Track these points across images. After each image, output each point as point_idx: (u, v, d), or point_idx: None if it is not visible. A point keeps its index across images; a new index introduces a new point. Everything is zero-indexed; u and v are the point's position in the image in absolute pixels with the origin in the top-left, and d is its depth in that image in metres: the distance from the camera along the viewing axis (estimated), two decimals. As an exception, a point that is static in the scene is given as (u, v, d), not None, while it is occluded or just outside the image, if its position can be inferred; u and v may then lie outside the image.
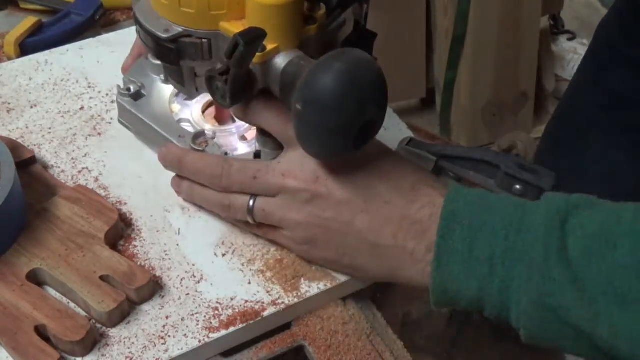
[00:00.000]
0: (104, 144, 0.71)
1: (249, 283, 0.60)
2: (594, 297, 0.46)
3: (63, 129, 0.72)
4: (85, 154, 0.69)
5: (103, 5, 0.89)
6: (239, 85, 0.55)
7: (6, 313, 0.54)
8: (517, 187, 0.62)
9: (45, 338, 0.54)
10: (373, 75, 0.51)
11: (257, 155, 0.62)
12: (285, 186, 0.57)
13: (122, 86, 0.69)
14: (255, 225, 0.60)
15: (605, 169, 1.14)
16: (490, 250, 0.50)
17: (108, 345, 0.55)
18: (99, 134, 0.72)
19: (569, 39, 2.34)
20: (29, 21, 0.84)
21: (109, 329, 0.56)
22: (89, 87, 0.77)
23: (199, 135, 0.65)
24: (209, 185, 0.61)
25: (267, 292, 0.59)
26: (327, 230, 0.56)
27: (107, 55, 0.80)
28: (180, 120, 0.69)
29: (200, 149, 0.63)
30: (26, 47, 0.83)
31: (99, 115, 0.73)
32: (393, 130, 0.74)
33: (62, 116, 0.73)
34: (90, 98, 0.75)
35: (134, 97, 0.68)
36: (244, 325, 0.57)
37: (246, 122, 0.62)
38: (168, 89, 0.69)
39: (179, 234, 0.63)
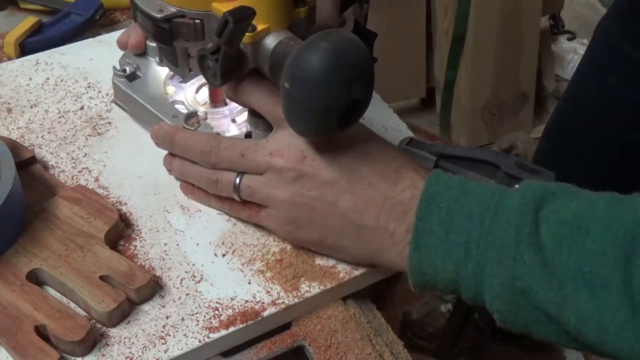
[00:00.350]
0: (104, 144, 0.71)
1: (249, 283, 0.60)
2: (563, 281, 0.47)
3: (63, 129, 0.72)
4: (85, 154, 0.69)
5: (103, 5, 0.89)
6: (229, 65, 0.56)
7: (6, 313, 0.54)
8: (517, 186, 0.62)
9: (45, 338, 0.54)
10: (359, 54, 0.52)
11: (247, 136, 0.64)
12: (272, 164, 0.58)
13: (118, 67, 0.70)
14: (240, 205, 0.62)
15: (605, 168, 1.14)
16: (467, 233, 0.51)
17: (108, 345, 0.55)
18: (99, 134, 0.72)
19: (569, 39, 2.34)
20: (29, 21, 0.84)
21: (109, 329, 0.56)
22: (89, 87, 0.77)
23: (192, 115, 0.66)
24: (199, 162, 0.62)
25: (267, 292, 0.59)
26: (312, 210, 0.57)
27: (107, 55, 0.80)
28: (174, 102, 0.70)
29: (192, 128, 0.65)
30: (26, 47, 0.83)
31: (99, 115, 0.73)
32: (393, 130, 0.74)
33: (62, 116, 0.73)
34: (90, 98, 0.75)
35: (130, 78, 0.70)
36: (244, 325, 0.57)
37: (237, 102, 0.63)
38: (163, 71, 0.71)
39: (181, 231, 0.63)
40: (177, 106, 0.69)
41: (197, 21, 0.58)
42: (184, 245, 0.62)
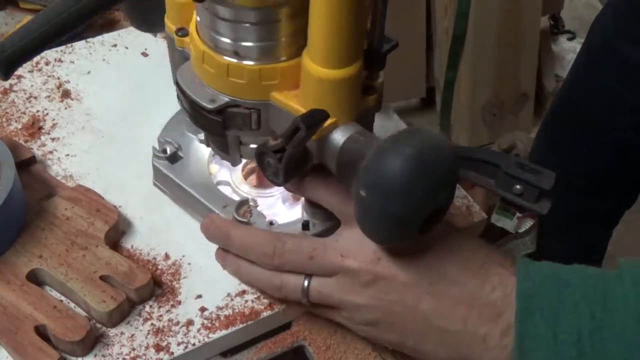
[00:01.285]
0: (104, 143, 0.71)
1: (249, 283, 0.60)
2: None
3: (63, 129, 0.72)
4: (85, 154, 0.70)
5: (103, 5, 0.89)
6: (293, 163, 0.51)
7: (6, 313, 0.54)
8: (517, 187, 0.61)
9: (45, 338, 0.54)
10: (445, 159, 0.48)
11: (305, 225, 0.60)
12: (344, 267, 0.53)
13: (157, 147, 0.65)
14: (308, 305, 0.57)
15: (601, 167, 1.14)
16: (577, 331, 0.47)
17: (108, 345, 0.55)
18: (100, 134, 0.72)
19: (569, 39, 2.34)
20: (29, 21, 0.84)
21: (109, 329, 0.56)
22: (89, 87, 0.77)
23: (243, 204, 0.61)
24: (259, 263, 0.56)
25: (267, 292, 0.59)
26: (390, 313, 0.53)
27: (107, 56, 0.80)
28: (219, 183, 0.65)
29: (244, 220, 0.59)
30: (26, 47, 0.83)
31: (100, 116, 0.73)
32: (393, 131, 0.74)
33: (62, 116, 0.73)
34: (91, 98, 0.75)
35: (171, 160, 0.64)
36: (244, 325, 0.57)
37: (300, 195, 0.59)
38: (206, 149, 0.65)
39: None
40: (222, 187, 0.64)
41: (253, 111, 0.53)
42: (184, 245, 0.62)
